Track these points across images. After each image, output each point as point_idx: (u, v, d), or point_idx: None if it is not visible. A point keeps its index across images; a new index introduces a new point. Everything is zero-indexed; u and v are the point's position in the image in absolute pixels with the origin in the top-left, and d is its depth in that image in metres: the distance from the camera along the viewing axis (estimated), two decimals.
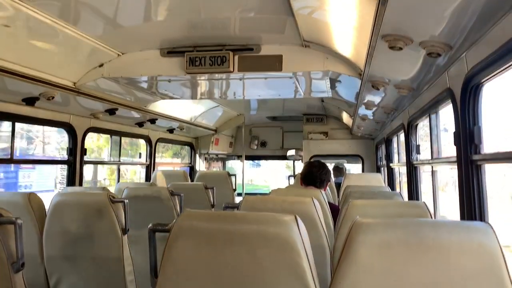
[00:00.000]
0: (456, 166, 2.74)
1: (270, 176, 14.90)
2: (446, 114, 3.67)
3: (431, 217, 2.74)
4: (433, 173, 4.06)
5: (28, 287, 2.10)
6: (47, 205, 3.33)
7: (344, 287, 1.48)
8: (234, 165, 12.06)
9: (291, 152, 10.67)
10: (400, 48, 2.33)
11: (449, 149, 3.65)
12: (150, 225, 1.89)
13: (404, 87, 3.48)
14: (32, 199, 3.21)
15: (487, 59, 2.14)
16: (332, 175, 7.83)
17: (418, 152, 4.63)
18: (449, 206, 4.11)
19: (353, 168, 10.41)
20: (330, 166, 8.23)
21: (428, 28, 2.15)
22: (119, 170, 7.11)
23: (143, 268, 3.33)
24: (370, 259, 1.46)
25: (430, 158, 3.99)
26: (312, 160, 8.72)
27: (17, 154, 5.60)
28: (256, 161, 12.59)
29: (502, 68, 2.09)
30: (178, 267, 1.70)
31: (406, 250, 1.44)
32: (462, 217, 2.62)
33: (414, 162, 4.71)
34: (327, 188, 4.54)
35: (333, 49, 3.84)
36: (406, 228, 1.49)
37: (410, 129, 4.66)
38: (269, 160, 12.37)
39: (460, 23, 2.04)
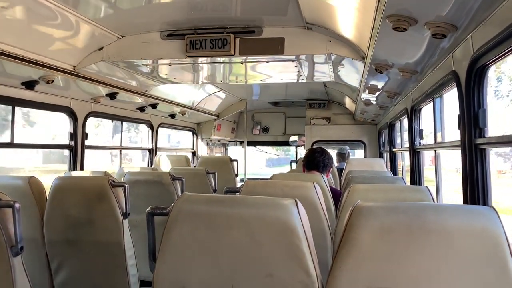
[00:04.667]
0: (459, 150, 2.70)
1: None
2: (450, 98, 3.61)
3: (434, 202, 2.72)
4: (436, 157, 4.02)
5: (30, 271, 2.09)
6: None
7: (345, 271, 1.47)
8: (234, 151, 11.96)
9: (293, 138, 10.62)
10: (405, 29, 2.27)
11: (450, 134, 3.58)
12: (149, 208, 1.87)
13: (408, 71, 3.42)
14: (32, 182, 3.19)
15: (494, 40, 2.09)
16: (335, 161, 7.83)
17: (421, 137, 4.59)
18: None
19: (355, 154, 10.36)
20: (333, 152, 8.21)
21: (433, 8, 2.09)
22: (120, 154, 7.11)
23: (144, 253, 3.32)
24: (371, 244, 1.44)
25: (433, 142, 3.95)
26: (314, 145, 8.71)
27: None
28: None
29: (509, 49, 2.04)
30: (177, 250, 1.68)
31: (407, 235, 1.42)
32: (465, 201, 2.59)
33: (417, 147, 4.67)
34: (330, 174, 4.52)
35: (336, 32, 3.77)
36: (408, 212, 1.46)
37: (413, 114, 4.61)
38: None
39: (467, 3, 1.98)
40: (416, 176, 4.67)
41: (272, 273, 1.60)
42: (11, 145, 4.53)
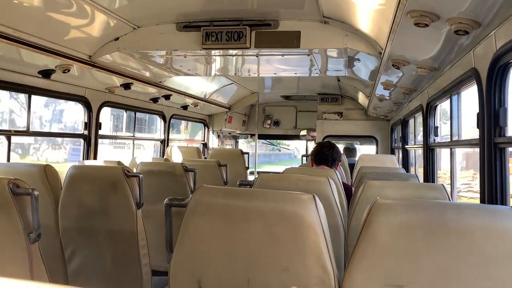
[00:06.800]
0: (478, 149, 2.67)
1: None
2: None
3: (449, 200, 2.70)
4: (451, 155, 3.97)
5: (44, 258, 2.12)
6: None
7: (362, 268, 1.46)
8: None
9: (304, 132, 10.59)
10: (426, 25, 2.24)
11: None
12: (167, 199, 1.88)
13: (426, 67, 3.37)
14: (47, 170, 3.22)
15: None
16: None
17: (436, 134, 4.54)
18: None
19: (367, 150, 10.29)
20: (341, 147, 8.16)
21: (456, 4, 2.05)
22: (133, 145, 7.15)
23: (156, 243, 3.36)
24: (390, 241, 1.43)
25: (449, 140, 3.90)
26: (325, 140, 8.67)
27: None
28: None
29: None
30: (194, 242, 1.69)
31: (427, 233, 1.41)
32: (483, 201, 2.56)
33: (432, 144, 4.62)
34: (340, 167, 4.50)
35: (353, 26, 3.73)
36: (428, 210, 1.45)
37: (429, 111, 4.56)
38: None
39: None
40: (430, 174, 4.62)
41: (288, 268, 1.60)
42: (27, 133, 4.58)
